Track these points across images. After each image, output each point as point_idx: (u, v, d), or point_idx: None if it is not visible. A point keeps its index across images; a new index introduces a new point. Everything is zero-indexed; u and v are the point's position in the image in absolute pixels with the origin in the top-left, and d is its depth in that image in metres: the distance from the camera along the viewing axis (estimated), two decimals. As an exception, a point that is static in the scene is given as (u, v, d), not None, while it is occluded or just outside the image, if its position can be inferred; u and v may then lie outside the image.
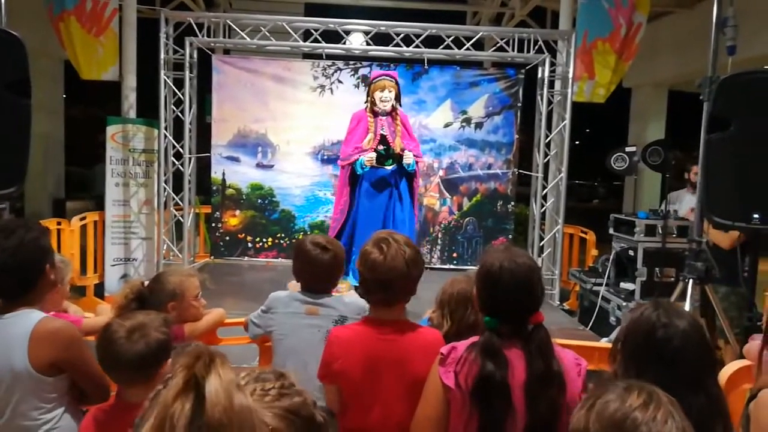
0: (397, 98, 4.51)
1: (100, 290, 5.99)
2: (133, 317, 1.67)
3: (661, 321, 1.47)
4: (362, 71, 6.55)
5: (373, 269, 1.76)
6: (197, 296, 2.24)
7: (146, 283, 2.17)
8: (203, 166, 6.84)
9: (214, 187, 6.74)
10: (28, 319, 1.67)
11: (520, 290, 1.56)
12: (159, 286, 2.16)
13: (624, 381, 1.13)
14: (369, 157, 4.33)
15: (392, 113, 4.47)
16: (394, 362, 1.72)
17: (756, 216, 2.83)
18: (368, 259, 1.77)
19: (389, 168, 4.42)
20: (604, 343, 3.16)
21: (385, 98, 4.39)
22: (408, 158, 4.38)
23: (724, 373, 2.19)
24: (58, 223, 5.72)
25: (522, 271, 1.57)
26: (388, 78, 4.47)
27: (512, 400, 1.48)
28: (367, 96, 4.54)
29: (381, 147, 4.40)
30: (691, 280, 3.28)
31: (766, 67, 8.03)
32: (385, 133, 4.41)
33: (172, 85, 6.11)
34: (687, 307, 3.29)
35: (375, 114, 4.46)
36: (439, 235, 6.75)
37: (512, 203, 6.84)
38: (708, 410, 1.42)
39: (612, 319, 4.78)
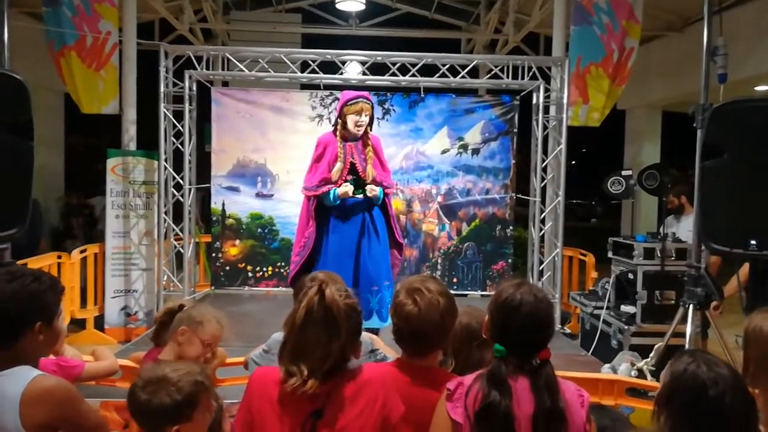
0: (370, 122, 4.03)
1: (100, 323, 5.97)
2: (161, 368, 1.62)
3: (710, 377, 1.46)
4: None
5: (407, 321, 1.76)
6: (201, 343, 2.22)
7: (182, 306, 2.33)
8: (203, 197, 6.87)
9: (214, 218, 6.77)
10: (21, 378, 1.61)
11: (538, 324, 1.60)
12: (179, 315, 2.27)
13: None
14: (344, 191, 3.88)
15: (363, 138, 3.99)
16: (421, 409, 1.69)
17: (753, 242, 2.85)
18: (402, 310, 1.76)
19: (359, 197, 3.94)
20: (606, 374, 3.16)
21: (361, 122, 3.91)
22: (372, 191, 3.91)
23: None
24: (59, 257, 5.71)
25: (542, 306, 1.61)
26: (365, 100, 3.93)
27: (516, 430, 1.49)
28: (338, 118, 3.97)
29: (350, 177, 3.95)
30: (691, 306, 3.30)
31: (755, 88, 8.13)
32: (354, 161, 3.96)
33: (171, 117, 6.18)
34: (688, 331, 3.30)
35: (344, 139, 3.97)
36: (439, 261, 6.76)
37: (511, 227, 6.86)
38: None
39: (613, 342, 4.77)
